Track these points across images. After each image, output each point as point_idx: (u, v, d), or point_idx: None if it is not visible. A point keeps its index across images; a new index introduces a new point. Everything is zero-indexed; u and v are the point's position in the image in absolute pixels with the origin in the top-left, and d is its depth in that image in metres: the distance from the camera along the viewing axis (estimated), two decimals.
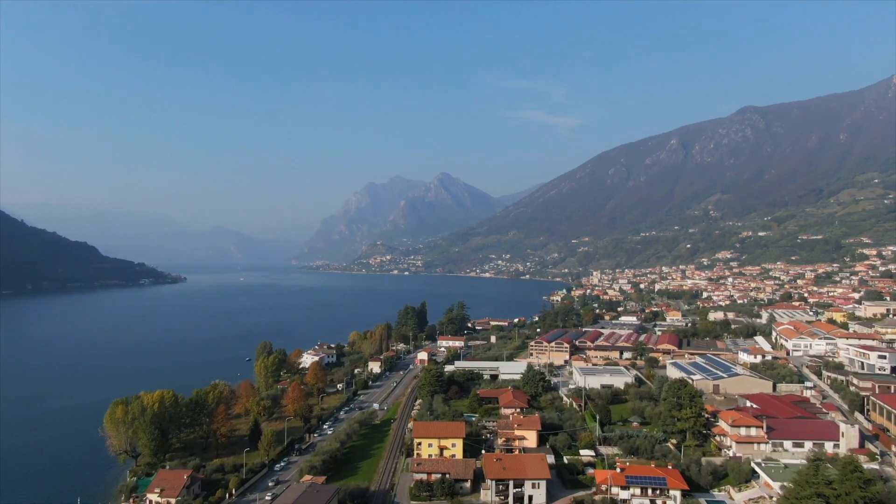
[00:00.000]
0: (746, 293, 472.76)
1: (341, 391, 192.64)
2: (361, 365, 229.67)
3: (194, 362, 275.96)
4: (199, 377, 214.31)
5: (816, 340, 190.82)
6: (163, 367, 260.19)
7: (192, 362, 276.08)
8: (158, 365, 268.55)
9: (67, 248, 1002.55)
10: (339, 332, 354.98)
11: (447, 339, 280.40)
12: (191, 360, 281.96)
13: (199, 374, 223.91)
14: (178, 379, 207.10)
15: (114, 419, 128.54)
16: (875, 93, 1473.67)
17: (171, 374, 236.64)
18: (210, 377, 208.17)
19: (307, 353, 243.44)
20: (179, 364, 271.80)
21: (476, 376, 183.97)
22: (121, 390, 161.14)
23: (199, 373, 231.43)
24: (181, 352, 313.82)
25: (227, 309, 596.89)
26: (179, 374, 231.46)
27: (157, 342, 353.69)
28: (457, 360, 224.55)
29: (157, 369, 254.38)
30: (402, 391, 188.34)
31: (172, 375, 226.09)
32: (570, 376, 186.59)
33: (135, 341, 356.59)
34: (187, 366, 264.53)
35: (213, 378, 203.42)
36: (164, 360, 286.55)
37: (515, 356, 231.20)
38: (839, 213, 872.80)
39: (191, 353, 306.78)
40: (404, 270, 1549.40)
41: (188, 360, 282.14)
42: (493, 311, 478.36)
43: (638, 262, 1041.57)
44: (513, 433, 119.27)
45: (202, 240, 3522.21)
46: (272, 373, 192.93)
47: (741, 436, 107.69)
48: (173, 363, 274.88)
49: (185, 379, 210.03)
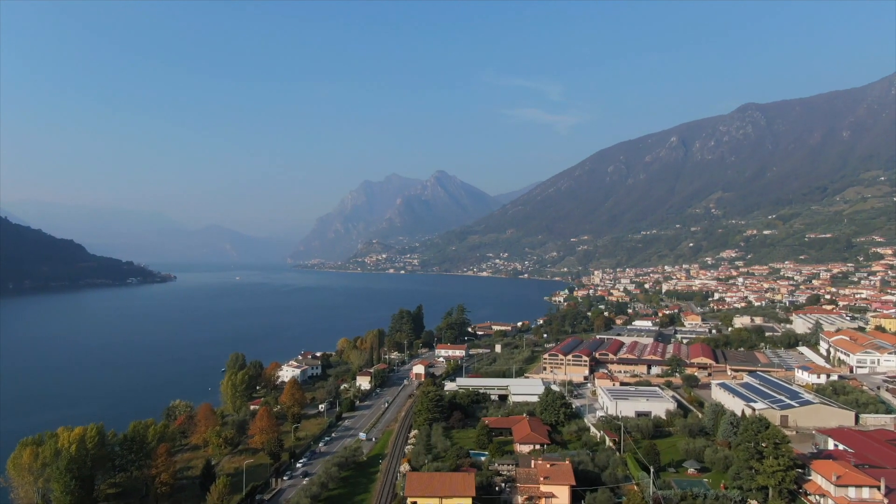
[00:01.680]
0: (762, 294, 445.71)
1: (323, 412, 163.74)
2: (348, 379, 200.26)
3: (161, 373, 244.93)
4: (158, 395, 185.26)
5: (885, 355, 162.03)
6: (117, 382, 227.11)
7: (159, 373, 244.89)
8: (113, 379, 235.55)
9: (53, 246, 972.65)
10: (327, 337, 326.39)
11: (446, 348, 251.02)
12: (157, 371, 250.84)
13: (160, 391, 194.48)
14: (131, 399, 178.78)
15: (19, 465, 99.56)
16: (878, 90, 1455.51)
17: (124, 391, 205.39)
18: (173, 394, 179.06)
19: (287, 366, 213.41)
20: (143, 376, 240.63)
21: (482, 398, 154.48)
22: (45, 418, 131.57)
23: (162, 388, 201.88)
24: (150, 360, 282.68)
25: (213, 310, 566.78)
26: (134, 392, 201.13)
27: (125, 347, 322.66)
28: (458, 375, 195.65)
29: (110, 384, 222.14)
30: (394, 414, 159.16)
31: (124, 394, 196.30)
32: (593, 397, 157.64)
33: (100, 346, 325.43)
34: (151, 378, 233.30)
35: (176, 396, 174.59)
36: (125, 371, 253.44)
37: (526, 370, 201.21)
38: (847, 211, 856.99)
39: (160, 362, 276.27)
40: (400, 269, 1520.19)
41: (154, 371, 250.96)
42: (493, 313, 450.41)
43: (639, 260, 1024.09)
44: (537, 489, 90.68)
45: (197, 238, 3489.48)
46: (242, 392, 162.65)
47: (851, 500, 79.35)
48: (134, 376, 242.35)
49: (139, 398, 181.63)
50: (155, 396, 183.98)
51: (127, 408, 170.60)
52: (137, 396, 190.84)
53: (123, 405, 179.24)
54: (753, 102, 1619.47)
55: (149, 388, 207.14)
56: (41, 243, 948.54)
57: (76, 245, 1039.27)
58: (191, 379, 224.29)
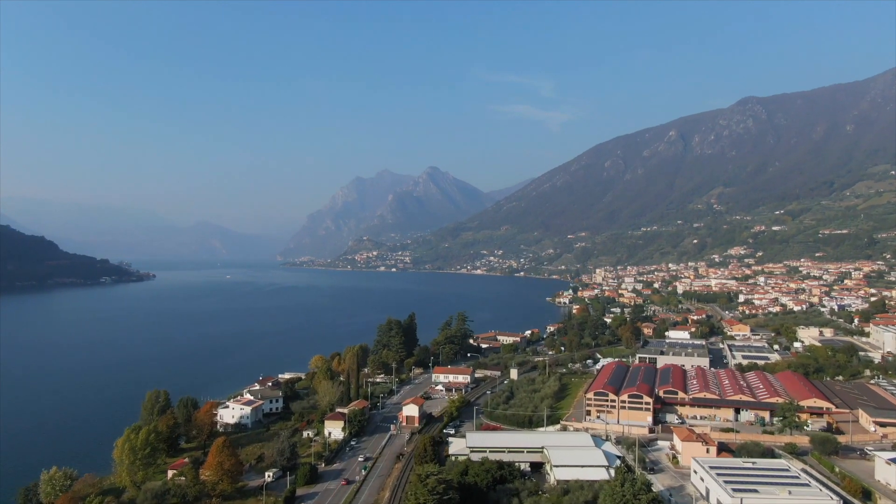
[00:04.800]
0: (795, 297, 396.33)
1: (272, 479, 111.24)
2: (315, 421, 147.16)
3: (63, 411, 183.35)
4: (40, 450, 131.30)
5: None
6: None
7: (61, 411, 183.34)
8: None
9: (21, 244, 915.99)
10: (302, 350, 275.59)
11: (446, 372, 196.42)
12: (62, 406, 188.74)
13: (46, 444, 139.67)
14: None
15: None
16: (881, 83, 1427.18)
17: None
18: (60, 452, 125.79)
19: (233, 402, 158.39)
20: (45, 410, 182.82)
21: (507, 474, 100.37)
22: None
23: (52, 437, 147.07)
24: (69, 383, 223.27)
25: (185, 313, 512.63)
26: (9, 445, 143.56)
27: (50, 365, 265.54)
28: (466, 416, 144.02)
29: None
30: (374, 492, 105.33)
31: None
32: (674, 467, 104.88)
33: (18, 363, 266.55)
34: (44, 419, 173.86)
35: (63, 454, 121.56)
36: (25, 404, 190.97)
37: (559, 413, 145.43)
38: (861, 206, 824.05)
39: (80, 387, 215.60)
40: (391, 267, 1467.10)
41: (58, 407, 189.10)
42: (494, 317, 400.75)
43: (641, 258, 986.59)
44: None
45: (186, 235, 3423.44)
46: (143, 458, 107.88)
47: None
48: (33, 411, 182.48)
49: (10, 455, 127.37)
50: (33, 454, 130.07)
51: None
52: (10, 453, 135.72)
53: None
54: (753, 96, 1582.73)
55: (31, 439, 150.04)
56: (8, 240, 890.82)
57: (47, 242, 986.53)
58: (111, 415, 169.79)
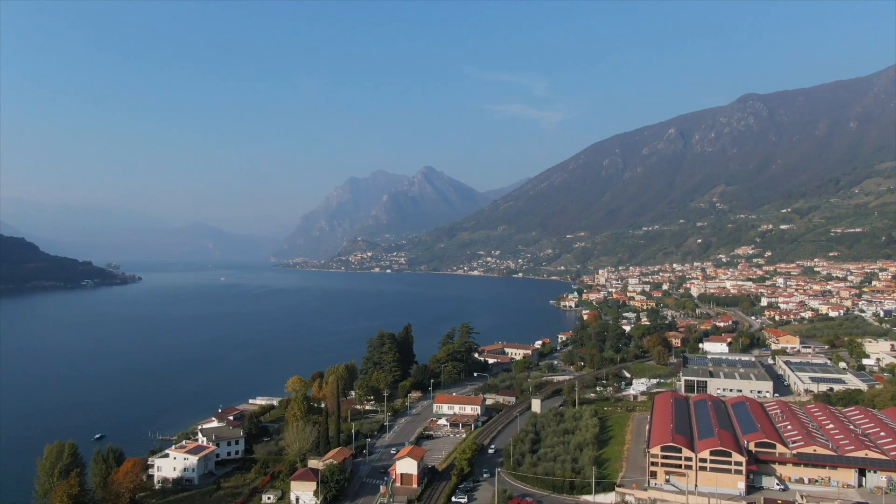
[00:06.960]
0: (826, 301, 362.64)
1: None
2: (282, 476, 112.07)
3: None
4: None
5: None
6: None
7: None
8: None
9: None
10: (281, 367, 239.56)
11: (450, 401, 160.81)
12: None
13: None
14: None
15: None
16: (884, 79, 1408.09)
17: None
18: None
19: (174, 449, 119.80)
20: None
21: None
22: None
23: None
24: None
25: (166, 318, 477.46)
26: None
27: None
28: (479, 470, 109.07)
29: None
30: None
31: None
32: None
33: None
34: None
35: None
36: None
37: (609, 473, 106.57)
38: (873, 204, 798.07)
39: (14, 417, 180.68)
40: (386, 268, 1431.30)
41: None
42: (497, 324, 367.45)
43: (643, 258, 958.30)
44: None
45: (179, 236, 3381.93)
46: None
47: None
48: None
49: None
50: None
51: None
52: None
53: None
54: (754, 93, 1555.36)
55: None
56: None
57: (27, 244, 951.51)
58: (34, 454, 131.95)
